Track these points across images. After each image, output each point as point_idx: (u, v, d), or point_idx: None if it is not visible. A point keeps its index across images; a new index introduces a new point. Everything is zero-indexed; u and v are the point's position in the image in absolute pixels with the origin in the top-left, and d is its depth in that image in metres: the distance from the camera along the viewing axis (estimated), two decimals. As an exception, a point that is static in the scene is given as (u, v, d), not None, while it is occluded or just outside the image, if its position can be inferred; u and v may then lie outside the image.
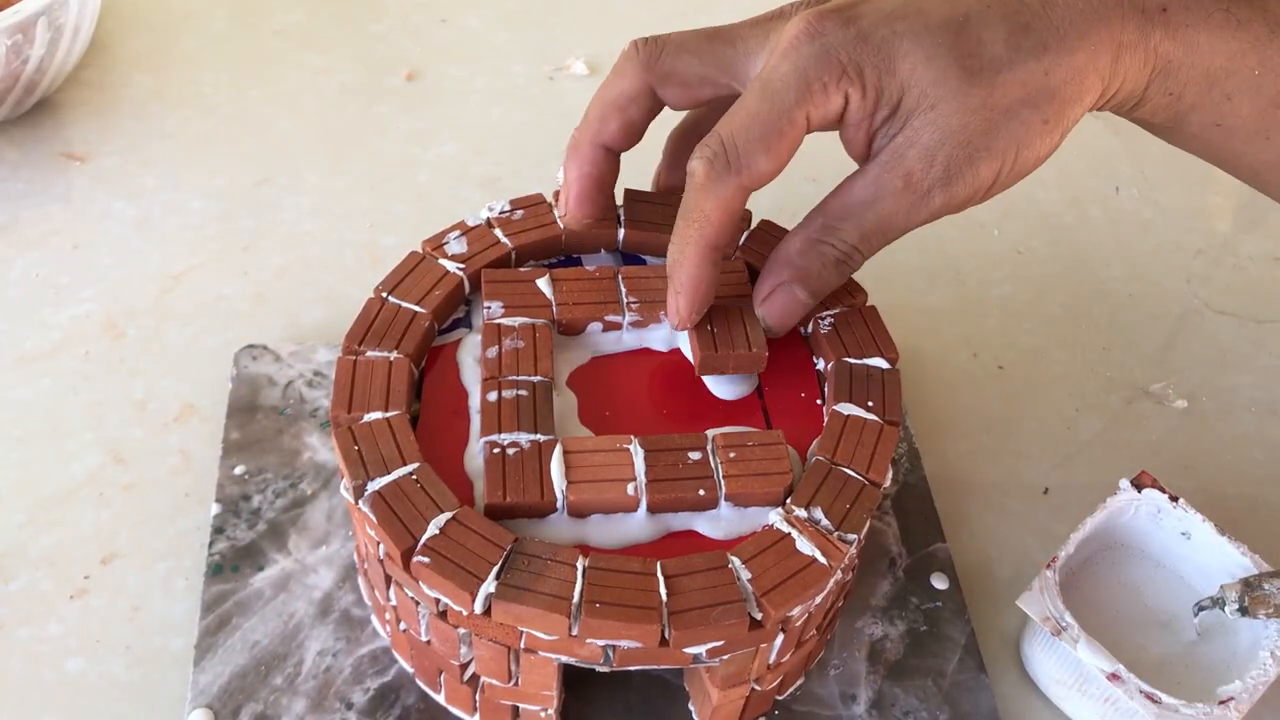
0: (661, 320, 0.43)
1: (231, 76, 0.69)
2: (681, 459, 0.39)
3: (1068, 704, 0.44)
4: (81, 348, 0.54)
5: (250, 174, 0.63)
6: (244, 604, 0.44)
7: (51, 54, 0.60)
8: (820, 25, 0.36)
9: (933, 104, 0.36)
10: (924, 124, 0.36)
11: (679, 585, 0.35)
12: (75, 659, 0.43)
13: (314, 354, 0.53)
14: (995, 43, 0.36)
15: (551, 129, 0.68)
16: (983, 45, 0.35)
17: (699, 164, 0.37)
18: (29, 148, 0.63)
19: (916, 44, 0.35)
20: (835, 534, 0.37)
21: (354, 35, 0.73)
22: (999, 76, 0.36)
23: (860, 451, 0.39)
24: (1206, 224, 0.65)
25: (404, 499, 0.37)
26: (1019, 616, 0.45)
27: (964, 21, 0.36)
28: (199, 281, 0.57)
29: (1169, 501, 0.44)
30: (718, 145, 0.36)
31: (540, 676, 0.38)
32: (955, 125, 0.36)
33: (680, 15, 0.76)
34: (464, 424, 0.40)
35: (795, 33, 0.36)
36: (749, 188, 0.37)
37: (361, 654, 0.43)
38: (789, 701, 0.43)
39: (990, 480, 0.52)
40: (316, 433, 0.50)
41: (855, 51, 0.35)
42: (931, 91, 0.35)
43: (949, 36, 0.35)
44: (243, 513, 0.47)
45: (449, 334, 0.43)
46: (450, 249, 0.44)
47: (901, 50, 0.35)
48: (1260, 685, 0.40)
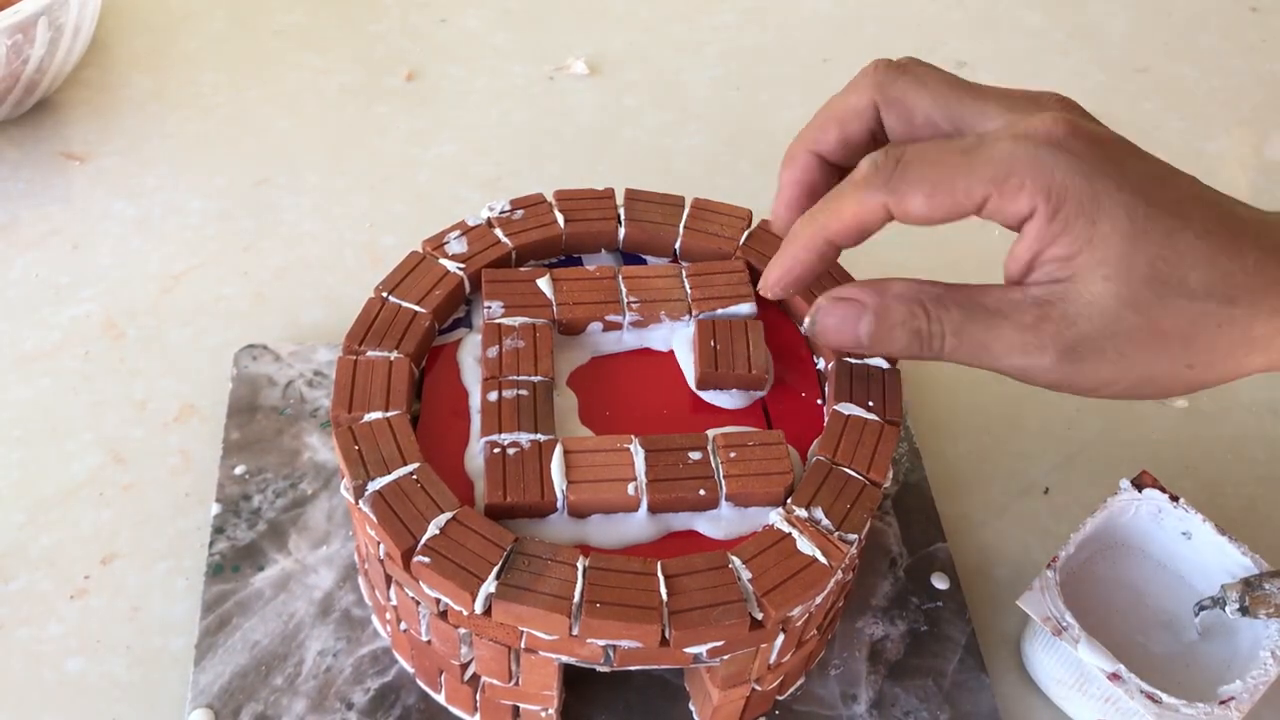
0: (662, 320, 0.43)
1: (231, 76, 0.69)
2: (682, 459, 0.39)
3: (1068, 704, 0.44)
4: (81, 348, 0.54)
5: (250, 174, 0.63)
6: (244, 604, 0.44)
7: (51, 54, 0.60)
8: (1068, 138, 0.34)
9: (1107, 277, 0.34)
10: (1087, 291, 0.34)
11: (679, 585, 0.35)
12: (75, 659, 0.43)
13: (314, 354, 0.53)
14: (1196, 270, 0.34)
15: (551, 129, 0.68)
16: (1184, 265, 0.34)
17: (867, 164, 0.36)
18: (29, 148, 0.63)
19: (1130, 218, 0.34)
20: (836, 534, 0.37)
21: (354, 35, 0.73)
22: (1178, 300, 0.34)
23: (861, 451, 0.39)
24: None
25: (404, 499, 0.37)
26: (1019, 616, 0.45)
27: (1181, 233, 0.34)
28: (199, 281, 0.57)
29: (1169, 501, 0.44)
30: (893, 159, 0.35)
31: (540, 676, 0.38)
32: (1113, 313, 0.34)
33: (679, 16, 0.76)
34: (464, 424, 0.40)
35: (1041, 125, 0.34)
36: (892, 214, 0.35)
37: (362, 654, 0.43)
38: (789, 701, 0.43)
39: (990, 480, 0.52)
40: (316, 433, 0.50)
41: (1073, 180, 0.34)
42: (1113, 266, 0.34)
43: (1161, 236, 0.34)
44: (243, 513, 0.47)
45: (449, 334, 0.43)
46: (450, 249, 0.44)
47: (1115, 214, 0.34)
48: (1261, 685, 0.40)
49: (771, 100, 0.71)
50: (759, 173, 0.66)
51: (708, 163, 0.67)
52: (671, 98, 0.71)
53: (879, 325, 0.37)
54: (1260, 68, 0.77)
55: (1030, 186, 0.34)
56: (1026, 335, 0.35)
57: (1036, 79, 0.74)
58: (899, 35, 0.77)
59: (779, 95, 0.71)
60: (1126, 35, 0.79)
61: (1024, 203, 0.34)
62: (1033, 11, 0.80)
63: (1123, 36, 0.78)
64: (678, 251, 0.46)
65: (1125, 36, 0.79)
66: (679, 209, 0.47)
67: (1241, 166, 0.70)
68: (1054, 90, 0.38)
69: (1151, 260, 0.34)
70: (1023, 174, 0.34)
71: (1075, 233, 0.34)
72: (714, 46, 0.75)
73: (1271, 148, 0.71)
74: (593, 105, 0.70)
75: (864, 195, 0.35)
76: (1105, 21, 0.80)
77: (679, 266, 0.45)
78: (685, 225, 0.46)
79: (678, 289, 0.44)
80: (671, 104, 0.70)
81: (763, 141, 0.68)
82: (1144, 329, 0.34)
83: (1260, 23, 0.81)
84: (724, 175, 0.66)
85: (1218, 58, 0.77)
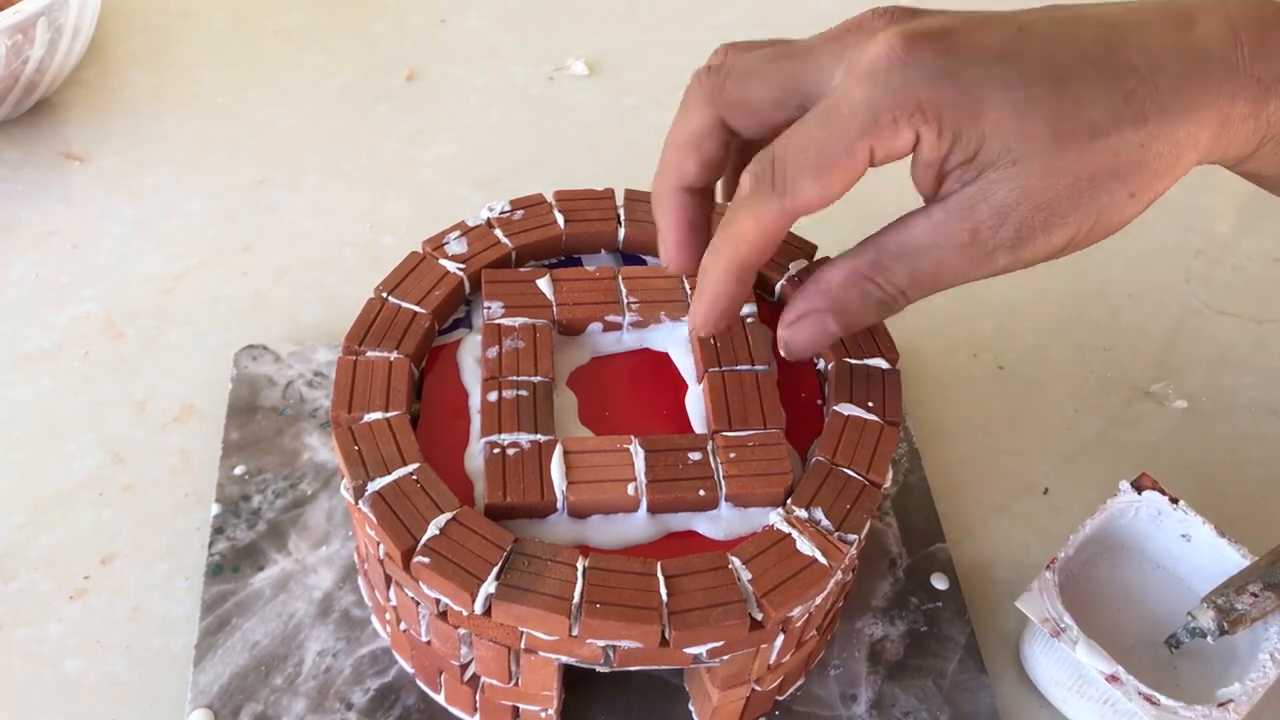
0: (661, 320, 0.43)
1: (231, 76, 0.69)
2: (682, 459, 0.39)
3: (1067, 705, 0.44)
4: (81, 348, 0.54)
5: (250, 174, 0.63)
6: (244, 604, 0.44)
7: (51, 54, 0.60)
8: (909, 53, 0.33)
9: (1015, 159, 0.33)
10: (1002, 178, 0.33)
11: (679, 585, 0.35)
12: (75, 659, 0.43)
13: (314, 354, 0.53)
14: (1095, 107, 0.33)
15: (551, 129, 0.68)
16: (1080, 107, 0.33)
17: (747, 179, 0.35)
18: (29, 148, 0.63)
19: (1009, 94, 0.33)
20: (835, 534, 0.37)
21: (354, 35, 0.73)
22: (1093, 143, 0.33)
23: (860, 452, 0.39)
24: (1206, 224, 0.65)
25: (404, 499, 0.37)
26: (1019, 617, 0.45)
27: (1064, 78, 0.33)
28: (199, 281, 0.57)
29: (1169, 503, 0.44)
30: (768, 164, 0.34)
31: (540, 677, 0.38)
32: (1036, 186, 0.33)
33: (679, 16, 0.76)
34: (464, 424, 0.40)
35: (877, 54, 0.33)
36: (792, 213, 0.35)
37: (361, 654, 0.43)
38: (789, 702, 0.43)
39: (990, 480, 0.52)
40: (316, 433, 0.50)
41: (939, 90, 0.33)
42: (1016, 147, 0.33)
43: (1046, 92, 0.33)
44: (243, 513, 0.47)
45: (449, 334, 0.43)
46: (450, 249, 0.44)
47: (992, 98, 0.33)
48: (1259, 687, 0.40)
49: (771, 100, 0.70)
50: (759, 173, 0.66)
51: (708, 163, 0.66)
52: (671, 98, 0.70)
53: (844, 317, 0.37)
54: (1260, 68, 0.77)
55: (902, 117, 0.33)
56: (971, 249, 0.35)
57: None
58: (899, 35, 0.77)
59: (779, 95, 0.71)
60: (1126, 35, 0.79)
61: (906, 135, 0.33)
62: (1033, 12, 0.80)
63: (1123, 37, 0.78)
64: (678, 252, 0.46)
65: (1125, 37, 0.78)
66: (679, 209, 0.47)
67: (1241, 167, 0.69)
68: None
69: (1050, 120, 0.33)
70: (888, 109, 0.33)
71: (966, 135, 0.33)
72: (714, 46, 0.74)
73: (1271, 148, 0.71)
74: (593, 105, 0.70)
75: (758, 210, 0.35)
76: (1105, 22, 0.80)
77: (679, 267, 0.45)
78: (685, 226, 0.46)
79: (677, 290, 0.44)
80: (671, 104, 0.69)
81: (763, 142, 0.68)
82: (1074, 185, 0.34)
83: (1260, 23, 0.81)
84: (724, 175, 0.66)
85: (1218, 58, 0.77)
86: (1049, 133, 0.33)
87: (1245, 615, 0.40)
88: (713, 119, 0.38)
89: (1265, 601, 0.41)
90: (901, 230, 0.36)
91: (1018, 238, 0.34)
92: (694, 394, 0.42)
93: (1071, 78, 0.33)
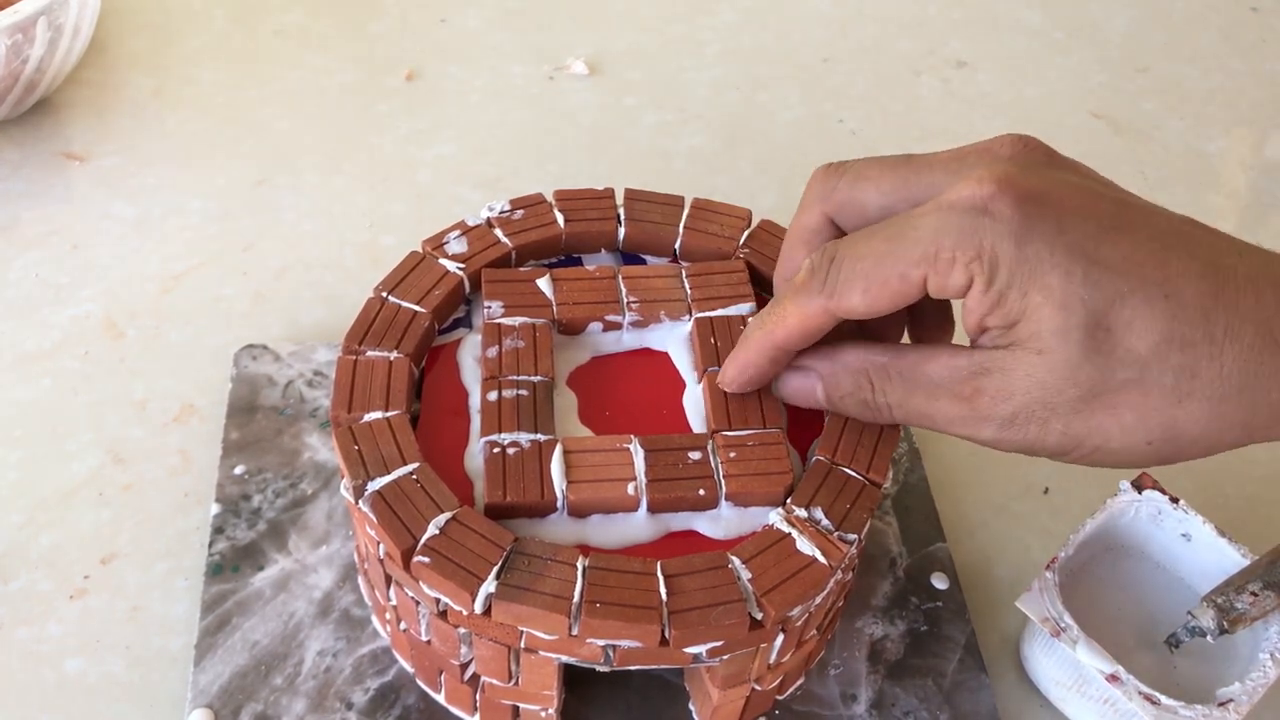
0: (661, 320, 0.43)
1: (231, 76, 0.69)
2: (681, 458, 0.39)
3: (1067, 705, 0.44)
4: (81, 348, 0.54)
5: (250, 174, 0.63)
6: (244, 604, 0.44)
7: (51, 54, 0.60)
8: (994, 201, 0.32)
9: (1040, 350, 0.32)
10: (1021, 361, 0.32)
11: (679, 585, 0.35)
12: (75, 659, 0.43)
13: (314, 354, 0.53)
14: (1142, 336, 0.31)
15: (551, 129, 0.68)
16: (1129, 330, 0.31)
17: (806, 265, 0.35)
18: (29, 148, 0.63)
19: (1061, 285, 0.31)
20: (835, 534, 0.37)
21: (354, 35, 0.73)
22: (1121, 374, 0.31)
23: (860, 451, 0.39)
24: (1207, 223, 0.65)
25: (404, 499, 0.37)
26: (1019, 617, 0.45)
27: (1124, 296, 0.31)
28: (199, 281, 0.57)
29: (1169, 503, 0.44)
30: (826, 262, 0.34)
31: (540, 676, 0.38)
32: (1049, 383, 0.32)
33: (679, 16, 0.76)
34: (464, 424, 0.40)
35: (968, 190, 0.32)
36: (835, 314, 0.35)
37: (361, 654, 0.43)
38: (789, 701, 0.43)
39: (990, 480, 0.52)
40: (316, 433, 0.50)
41: (1002, 248, 0.31)
42: (1047, 338, 0.32)
43: (1098, 302, 0.31)
44: (243, 513, 0.47)
45: (449, 334, 0.43)
46: (450, 249, 0.44)
47: (1043, 282, 0.31)
48: (1260, 687, 0.40)
49: (771, 100, 0.71)
50: (759, 173, 0.66)
51: (708, 163, 0.67)
52: (671, 98, 0.71)
53: (830, 394, 0.38)
54: (1260, 68, 0.77)
55: (961, 258, 0.32)
56: (963, 408, 0.34)
57: (1036, 79, 0.74)
58: (899, 35, 0.77)
59: (779, 95, 0.71)
60: (1126, 35, 0.79)
61: (960, 275, 0.32)
62: (1033, 11, 0.80)
63: (1123, 36, 0.79)
64: (677, 251, 0.46)
65: (1125, 36, 0.79)
66: (679, 209, 0.47)
67: (1241, 166, 0.70)
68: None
69: (1090, 329, 0.31)
70: (951, 246, 0.32)
71: (1009, 303, 0.32)
72: (714, 46, 0.75)
73: (1271, 148, 0.71)
74: (593, 105, 0.70)
75: (803, 301, 0.35)
76: (1105, 21, 0.80)
77: (679, 266, 0.45)
78: (685, 225, 0.46)
79: (677, 289, 0.44)
80: (671, 104, 0.70)
81: (763, 141, 0.68)
82: (1088, 404, 0.32)
83: (1260, 23, 0.81)
84: (724, 175, 0.66)
85: (1218, 58, 0.77)
86: (1085, 342, 0.31)
87: (1245, 614, 0.40)
88: (821, 217, 0.38)
89: (1265, 601, 0.41)
90: (927, 355, 0.35)
91: (1010, 420, 0.33)
92: (694, 393, 0.42)
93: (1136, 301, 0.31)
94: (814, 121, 0.69)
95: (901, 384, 0.36)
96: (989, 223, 0.32)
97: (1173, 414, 0.32)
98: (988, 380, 0.33)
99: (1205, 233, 0.34)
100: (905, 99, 0.72)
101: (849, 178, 0.37)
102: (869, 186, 0.36)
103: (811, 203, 0.38)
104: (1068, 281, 0.31)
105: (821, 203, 0.38)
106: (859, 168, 0.37)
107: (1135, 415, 0.32)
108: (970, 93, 0.73)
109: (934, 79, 0.74)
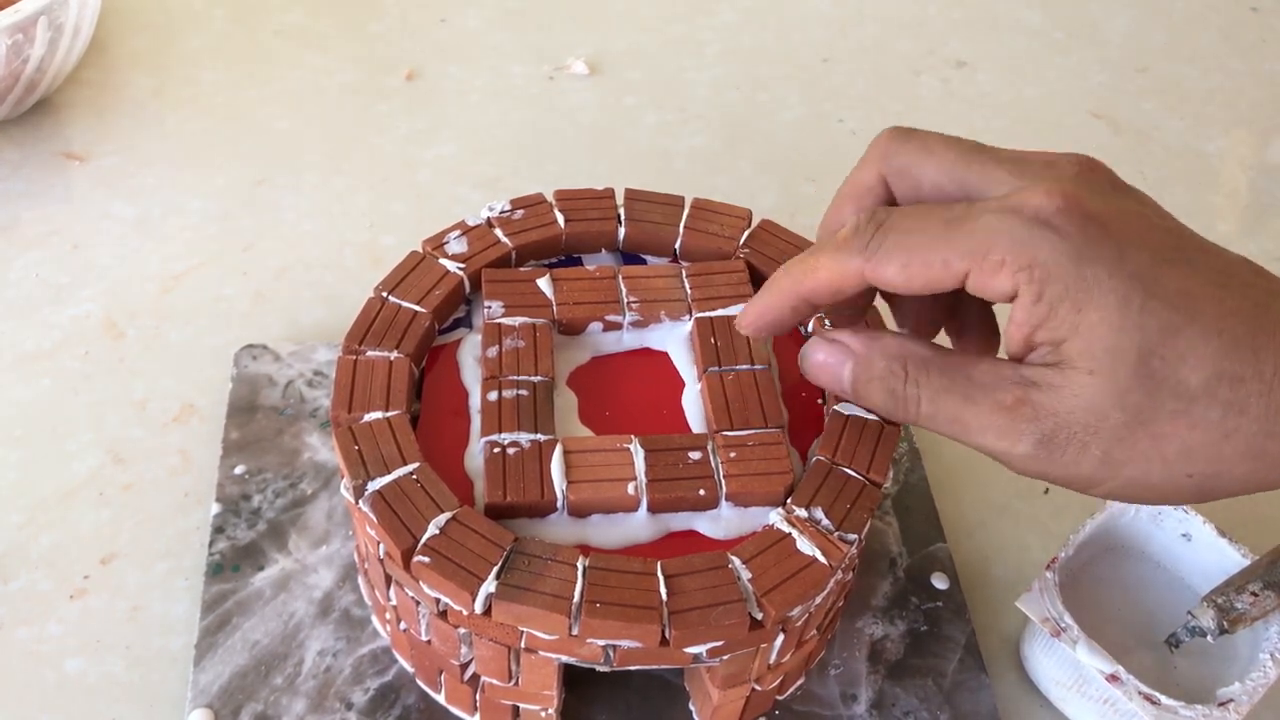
0: (661, 320, 0.43)
1: (231, 76, 0.69)
2: (682, 458, 0.39)
3: (1067, 705, 0.44)
4: (81, 348, 0.54)
5: (250, 174, 0.63)
6: (244, 604, 0.44)
7: (51, 54, 0.60)
8: (1056, 214, 0.31)
9: (1092, 370, 0.31)
10: (1070, 379, 0.32)
11: (679, 585, 0.35)
12: (75, 659, 0.43)
13: (314, 354, 0.53)
14: (1195, 370, 0.31)
15: (551, 129, 0.68)
16: (1182, 363, 0.31)
17: (849, 224, 0.34)
18: (29, 148, 0.63)
19: (1119, 307, 0.31)
20: (836, 534, 0.37)
21: (354, 35, 0.73)
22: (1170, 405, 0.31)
23: (861, 451, 0.39)
24: (1207, 224, 0.65)
25: (404, 499, 0.37)
26: (1019, 617, 0.45)
27: (1179, 327, 0.31)
28: (199, 281, 0.57)
29: (1169, 502, 0.44)
30: (874, 226, 0.34)
31: (540, 676, 0.38)
32: (1096, 405, 0.31)
33: (679, 16, 0.76)
34: (464, 424, 0.40)
35: (1034, 197, 0.32)
36: (868, 280, 0.34)
37: (361, 654, 0.43)
38: (789, 701, 0.43)
39: (990, 480, 0.52)
40: (316, 432, 0.50)
41: (1058, 263, 0.31)
42: (1099, 359, 0.31)
43: (1154, 331, 0.31)
44: (243, 512, 0.47)
45: (449, 334, 0.43)
46: (450, 249, 0.44)
47: (1101, 301, 0.31)
48: (1260, 687, 0.40)
49: (771, 100, 0.71)
50: (759, 173, 0.66)
51: (708, 163, 0.67)
52: (671, 98, 0.71)
53: (859, 375, 0.36)
54: (1260, 68, 0.77)
55: (1010, 265, 0.32)
56: (1002, 417, 0.33)
57: (1036, 79, 0.74)
58: (899, 35, 0.77)
59: (779, 95, 0.71)
60: (1126, 35, 0.79)
61: (1005, 281, 0.32)
62: (1033, 11, 0.80)
63: (1123, 36, 0.79)
64: (678, 251, 0.46)
65: (1125, 36, 0.79)
66: (679, 209, 0.47)
67: (1241, 166, 0.70)
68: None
69: (1144, 357, 0.31)
70: (1002, 250, 0.32)
71: (1060, 318, 0.31)
72: (714, 46, 0.75)
73: (1271, 148, 0.71)
74: (593, 105, 0.70)
75: (840, 257, 0.34)
76: (1105, 21, 0.80)
77: (679, 266, 0.45)
78: (685, 225, 0.46)
79: (678, 289, 0.44)
80: (671, 104, 0.70)
81: (763, 141, 0.68)
82: (1132, 431, 0.32)
83: (1260, 23, 0.81)
84: (724, 175, 0.66)
85: (1218, 58, 0.77)
86: (1138, 368, 0.31)
87: (1245, 614, 0.40)
88: (878, 177, 0.37)
89: (1265, 601, 0.41)
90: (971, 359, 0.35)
91: (1051, 440, 0.32)
92: (694, 393, 0.42)
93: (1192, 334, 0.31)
94: (814, 121, 0.69)
95: (940, 378, 0.35)
96: (1050, 237, 0.31)
97: (1219, 448, 0.32)
98: (1034, 392, 0.33)
99: (1256, 272, 0.33)
100: (905, 99, 0.72)
101: (914, 145, 0.36)
102: (931, 161, 0.36)
103: (872, 160, 0.37)
104: (1125, 306, 0.31)
105: (881, 162, 0.37)
106: (928, 140, 0.36)
107: (1180, 447, 0.32)
108: (970, 93, 0.73)
109: (934, 79, 0.74)
